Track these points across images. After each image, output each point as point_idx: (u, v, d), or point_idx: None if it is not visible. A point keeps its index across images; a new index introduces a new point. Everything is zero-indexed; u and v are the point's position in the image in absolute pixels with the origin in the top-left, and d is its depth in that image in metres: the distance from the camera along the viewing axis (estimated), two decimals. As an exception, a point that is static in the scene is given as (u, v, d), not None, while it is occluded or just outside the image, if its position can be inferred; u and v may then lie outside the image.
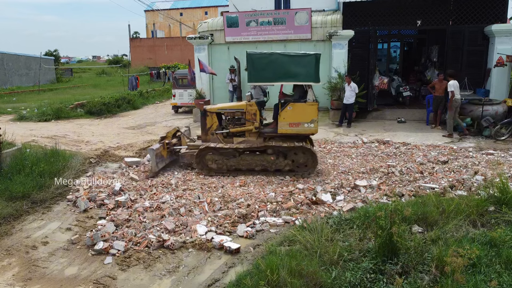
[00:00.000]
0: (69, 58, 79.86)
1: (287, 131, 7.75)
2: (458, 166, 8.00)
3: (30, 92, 25.34)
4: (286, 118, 7.68)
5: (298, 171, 7.85)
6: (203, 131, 8.33)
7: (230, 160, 7.87)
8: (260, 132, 8.02)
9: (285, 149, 7.77)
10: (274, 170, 7.86)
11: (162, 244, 5.11)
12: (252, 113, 7.96)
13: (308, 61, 7.50)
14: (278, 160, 7.78)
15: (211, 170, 7.95)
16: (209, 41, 15.91)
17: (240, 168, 7.91)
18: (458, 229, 4.77)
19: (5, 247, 5.23)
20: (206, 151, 7.90)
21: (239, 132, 8.12)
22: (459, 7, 13.09)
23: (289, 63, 7.52)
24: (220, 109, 8.29)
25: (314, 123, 7.68)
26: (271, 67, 7.54)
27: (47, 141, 10.62)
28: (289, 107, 7.65)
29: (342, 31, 14.17)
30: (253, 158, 7.85)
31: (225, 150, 7.86)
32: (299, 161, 7.80)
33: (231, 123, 8.18)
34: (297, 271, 3.88)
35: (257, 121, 7.97)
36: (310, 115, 7.66)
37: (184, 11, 59.63)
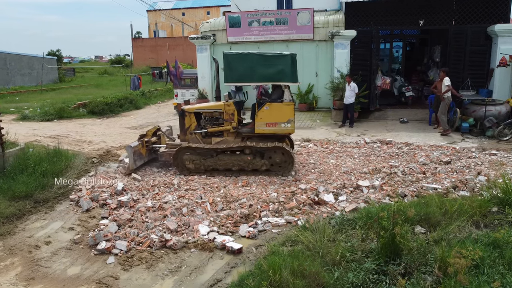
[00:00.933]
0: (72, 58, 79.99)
1: (264, 131, 7.83)
2: (461, 167, 7.98)
3: (32, 92, 25.39)
4: (263, 118, 7.76)
5: (274, 170, 7.88)
6: (182, 131, 8.39)
7: (208, 160, 7.89)
8: (238, 132, 8.09)
9: (262, 149, 7.80)
10: (251, 170, 7.89)
11: (164, 244, 5.11)
12: (230, 113, 8.02)
13: (284, 61, 7.57)
14: (255, 160, 7.81)
15: (189, 170, 7.97)
16: (211, 41, 15.93)
17: (218, 168, 7.93)
18: (461, 230, 4.75)
19: (8, 246, 5.25)
20: (183, 151, 7.93)
21: (217, 132, 8.19)
22: (462, 7, 13.06)
23: (265, 64, 7.58)
24: (198, 109, 8.34)
25: (291, 123, 7.75)
26: (247, 67, 7.60)
27: (50, 140, 10.64)
28: (266, 107, 7.73)
29: (344, 31, 14.16)
30: (230, 158, 7.88)
31: (202, 150, 7.89)
32: (275, 160, 7.83)
33: (209, 123, 8.23)
34: (299, 272, 3.88)
35: (235, 121, 8.04)
36: (286, 115, 7.72)
37: (186, 11, 59.70)
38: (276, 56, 7.63)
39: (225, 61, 7.59)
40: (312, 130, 12.45)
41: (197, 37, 16.08)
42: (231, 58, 7.61)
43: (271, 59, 7.60)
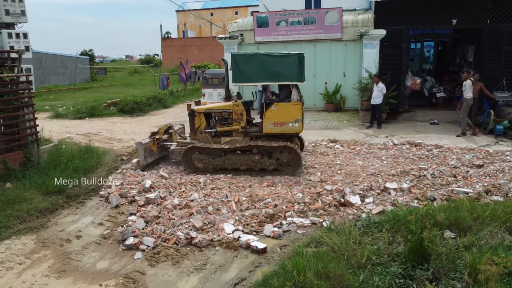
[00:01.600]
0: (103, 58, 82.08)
1: (272, 131, 7.89)
2: (494, 171, 7.71)
3: (66, 91, 26.24)
4: (271, 118, 7.82)
5: (282, 170, 7.91)
6: (192, 131, 8.52)
7: (216, 160, 7.99)
8: (246, 132, 8.16)
9: (269, 149, 7.85)
10: (259, 169, 7.93)
11: (190, 242, 5.18)
12: (238, 113, 8.12)
13: (291, 61, 7.57)
14: (262, 159, 7.86)
15: (198, 169, 8.07)
16: (239, 41, 16.01)
17: (226, 167, 8.01)
18: (493, 236, 4.59)
19: (41, 239, 5.45)
20: (192, 150, 8.03)
21: (226, 132, 8.27)
22: (498, 5, 12.60)
23: (272, 64, 7.62)
24: (208, 110, 8.46)
25: (298, 122, 7.78)
26: (255, 67, 7.66)
27: (82, 138, 10.98)
28: (274, 107, 7.79)
29: (373, 31, 13.94)
30: (238, 157, 7.95)
31: (211, 150, 7.97)
32: (283, 160, 7.87)
33: (219, 123, 8.33)
34: (323, 274, 3.85)
35: (243, 121, 8.12)
36: (294, 115, 7.76)
37: (215, 11, 60.22)
38: (283, 56, 7.66)
39: (233, 61, 7.69)
40: (339, 130, 12.32)
41: (225, 37, 16.19)
42: (239, 59, 7.69)
43: (278, 59, 7.65)
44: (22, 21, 7.82)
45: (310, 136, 11.30)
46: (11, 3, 7.55)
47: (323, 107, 16.00)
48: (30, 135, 7.77)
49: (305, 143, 9.98)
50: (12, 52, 7.44)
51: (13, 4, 7.58)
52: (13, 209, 6.05)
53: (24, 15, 7.80)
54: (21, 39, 7.80)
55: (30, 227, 5.76)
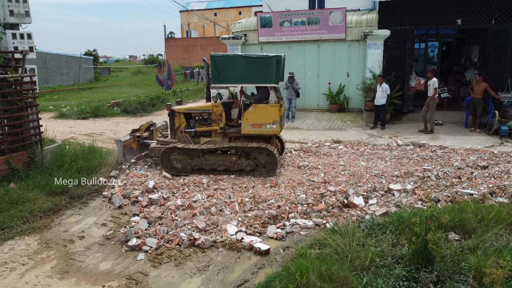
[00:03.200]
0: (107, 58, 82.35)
1: (250, 132, 7.93)
2: (499, 172, 7.66)
3: (70, 91, 26.34)
4: (249, 119, 7.86)
5: (259, 171, 7.92)
6: (172, 131, 8.57)
7: (194, 160, 7.99)
8: (225, 133, 8.20)
9: (247, 150, 7.87)
10: (236, 170, 7.95)
11: (193, 243, 5.17)
12: (217, 114, 8.16)
13: (268, 63, 7.57)
14: (240, 160, 7.88)
15: (175, 169, 8.08)
16: (242, 41, 16.00)
17: (204, 168, 8.02)
18: (499, 238, 4.55)
19: (44, 240, 5.46)
20: (171, 150, 8.06)
21: (206, 132, 8.31)
22: (503, 4, 12.52)
23: (249, 65, 7.63)
24: (187, 110, 8.50)
25: (276, 124, 7.80)
26: (233, 69, 7.67)
27: (85, 138, 11.01)
28: (252, 108, 7.82)
29: (377, 31, 13.90)
30: (216, 158, 7.96)
31: (189, 150, 7.99)
32: (260, 161, 7.88)
33: (198, 123, 8.37)
34: (327, 276, 3.83)
35: (222, 122, 8.15)
36: (272, 116, 7.78)
37: (218, 11, 60.26)
38: (261, 58, 7.69)
39: (212, 62, 7.71)
40: (343, 131, 12.29)
41: (228, 37, 16.19)
42: (218, 60, 7.71)
43: (256, 61, 7.66)
44: (26, 21, 7.85)
45: (313, 137, 11.28)
46: (15, 4, 7.58)
47: (326, 108, 15.96)
48: (34, 135, 7.79)
49: (309, 144, 9.97)
50: (16, 53, 7.46)
51: (17, 5, 7.61)
52: (16, 210, 6.06)
53: (28, 15, 7.83)
54: (25, 39, 7.83)
55: (34, 227, 5.77)
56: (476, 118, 11.90)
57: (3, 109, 7.33)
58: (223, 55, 7.92)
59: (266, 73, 7.60)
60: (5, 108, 7.36)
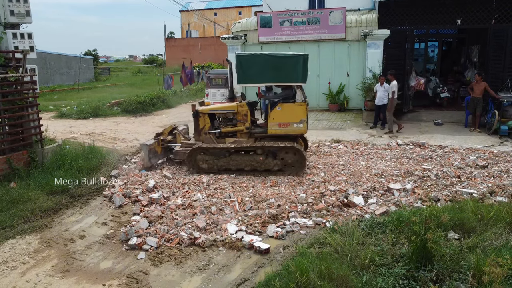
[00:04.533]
0: (107, 58, 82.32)
1: (277, 131, 7.88)
2: (499, 171, 7.67)
3: (70, 91, 26.33)
4: (276, 119, 7.80)
5: (287, 171, 7.88)
6: (196, 132, 8.52)
7: (220, 160, 7.96)
8: (251, 133, 8.14)
9: (274, 149, 7.81)
10: (264, 170, 7.90)
11: (193, 242, 5.19)
12: (243, 114, 8.10)
13: (295, 61, 7.54)
14: (267, 160, 7.83)
15: (202, 170, 8.04)
16: (242, 41, 16.01)
17: (230, 168, 7.99)
18: (498, 237, 4.56)
19: (45, 239, 5.47)
20: (197, 151, 8.01)
21: (231, 133, 8.26)
22: (503, 4, 12.54)
23: (276, 64, 7.59)
24: (212, 110, 8.45)
25: (303, 123, 7.76)
26: (259, 68, 7.63)
27: (86, 138, 11.01)
28: (278, 108, 7.76)
29: (377, 31, 13.91)
30: (243, 158, 7.92)
31: (215, 150, 7.96)
32: (288, 161, 7.83)
33: (223, 123, 8.31)
34: (327, 274, 3.84)
35: (248, 122, 8.09)
36: (299, 116, 7.74)
37: (218, 11, 60.23)
38: (288, 57, 7.64)
39: (237, 62, 7.66)
40: (343, 131, 12.30)
41: (228, 37, 16.20)
42: (243, 59, 7.67)
43: (283, 59, 7.62)
44: (26, 21, 7.86)
45: (313, 136, 11.29)
46: (15, 4, 7.59)
47: (326, 107, 15.98)
48: (34, 135, 7.80)
49: (309, 143, 9.96)
50: (17, 52, 7.47)
51: (17, 5, 7.62)
52: (17, 209, 6.07)
53: (29, 15, 7.84)
54: (25, 39, 7.84)
55: (34, 226, 5.78)
56: (476, 118, 11.91)
57: (3, 109, 7.35)
58: (249, 54, 7.87)
59: (293, 72, 7.55)
60: (5, 107, 7.38)
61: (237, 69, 7.73)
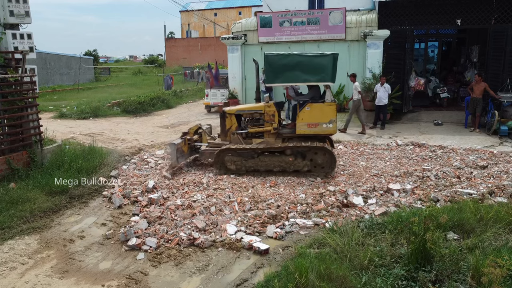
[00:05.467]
0: (107, 58, 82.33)
1: (306, 132, 7.77)
2: (499, 172, 7.67)
3: (70, 91, 26.34)
4: (305, 119, 7.70)
5: (316, 172, 7.79)
6: (223, 132, 8.43)
7: (249, 161, 7.88)
8: (278, 133, 8.04)
9: (303, 150, 7.73)
10: (293, 171, 7.81)
11: (192, 242, 5.18)
12: (270, 114, 7.99)
13: (325, 61, 7.45)
14: (296, 161, 7.74)
15: (230, 171, 7.97)
16: (242, 42, 16.00)
17: (259, 169, 7.91)
18: (497, 238, 4.57)
19: (44, 239, 5.47)
20: (225, 152, 7.93)
21: (258, 133, 8.16)
22: (502, 5, 12.54)
23: (306, 64, 7.49)
24: (239, 111, 8.36)
25: (332, 123, 7.66)
26: (289, 68, 7.54)
27: (85, 138, 11.01)
28: (307, 108, 7.65)
29: (377, 31, 13.90)
30: (272, 159, 7.83)
31: (244, 151, 7.88)
32: (317, 162, 7.74)
33: (250, 124, 8.22)
34: (326, 275, 3.84)
35: (276, 122, 7.98)
36: (328, 116, 7.65)
37: (218, 11, 60.28)
38: (318, 56, 7.53)
39: (266, 62, 7.56)
40: (343, 131, 12.29)
41: (228, 37, 16.20)
42: (272, 59, 7.56)
43: (313, 59, 7.50)
44: (26, 21, 7.86)
45: (313, 137, 11.27)
46: (15, 4, 7.59)
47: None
48: (34, 135, 7.80)
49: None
50: (16, 53, 7.48)
51: (17, 5, 7.62)
52: (16, 209, 6.07)
53: (28, 16, 7.84)
54: (25, 39, 7.84)
55: (34, 227, 5.78)
56: (476, 118, 11.91)
57: (3, 109, 7.35)
58: (278, 54, 7.75)
59: (323, 71, 7.46)
60: (5, 108, 7.38)
61: (265, 69, 7.62)
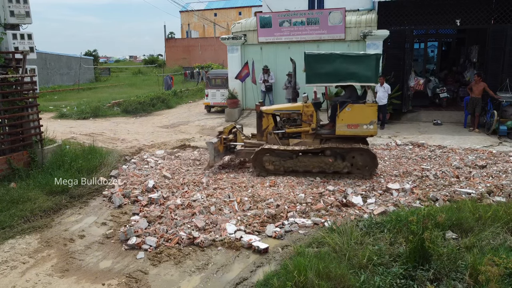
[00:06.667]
0: (107, 58, 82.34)
1: (345, 133, 7.60)
2: (497, 171, 7.69)
3: (70, 91, 26.36)
4: (345, 120, 7.52)
5: (356, 173, 7.65)
6: (259, 132, 8.31)
7: (287, 162, 7.75)
8: (316, 134, 7.91)
9: (343, 151, 7.60)
10: (332, 172, 7.67)
11: (192, 242, 5.21)
12: (308, 114, 7.89)
13: (368, 61, 7.34)
14: (336, 162, 7.60)
15: (268, 171, 7.86)
16: (242, 42, 16.02)
17: (297, 170, 7.78)
18: (495, 237, 4.59)
19: (45, 239, 5.50)
20: (263, 152, 7.83)
21: (295, 133, 8.06)
22: (502, 5, 12.56)
23: (348, 64, 7.37)
24: (276, 110, 8.27)
25: (373, 124, 7.50)
26: (330, 68, 7.42)
27: (85, 138, 11.04)
28: (348, 108, 7.49)
29: (377, 31, 13.91)
30: (311, 159, 7.69)
31: (282, 152, 7.77)
32: (358, 163, 7.60)
33: (287, 124, 8.11)
34: (325, 274, 3.87)
35: (314, 122, 7.87)
36: (369, 117, 7.49)
37: (218, 11, 60.30)
38: (361, 56, 7.44)
39: (306, 62, 7.48)
40: (342, 131, 12.30)
41: (228, 37, 16.21)
42: (313, 59, 7.48)
43: (356, 59, 7.41)
44: (26, 22, 7.89)
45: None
46: (15, 5, 7.62)
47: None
48: (34, 135, 7.82)
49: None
50: (17, 53, 7.50)
51: (17, 6, 7.64)
52: (17, 209, 6.10)
53: (29, 16, 7.86)
54: (25, 40, 7.87)
55: (34, 226, 5.80)
56: (475, 118, 11.93)
57: (3, 109, 7.37)
58: (319, 53, 7.65)
59: (366, 72, 7.33)
60: (5, 108, 7.40)
61: (306, 68, 7.52)
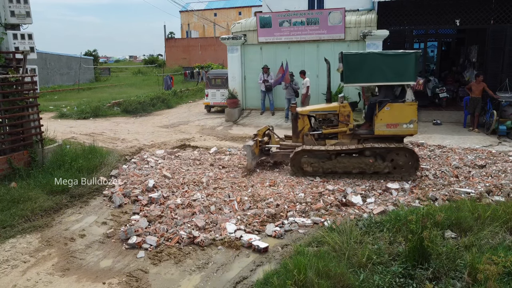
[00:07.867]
0: (107, 58, 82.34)
1: (385, 132, 7.50)
2: (497, 171, 7.71)
3: (70, 91, 26.37)
4: (384, 119, 7.43)
5: (397, 174, 7.53)
6: (295, 134, 8.22)
7: (326, 163, 7.66)
8: (354, 134, 7.84)
9: (383, 151, 7.50)
10: (372, 172, 7.57)
11: (192, 241, 5.23)
12: (345, 115, 7.81)
13: (407, 60, 7.23)
14: (376, 162, 7.51)
15: (306, 173, 7.79)
16: (242, 42, 16.04)
17: (336, 171, 7.69)
18: (494, 236, 4.61)
19: (45, 238, 5.51)
20: (301, 153, 7.77)
21: (331, 134, 7.99)
22: (501, 5, 12.59)
23: (386, 63, 7.29)
24: (312, 111, 8.19)
25: (413, 123, 7.38)
26: (368, 67, 7.36)
27: (86, 138, 11.06)
28: (387, 108, 7.40)
29: (376, 31, 13.93)
30: (350, 160, 7.57)
31: (320, 153, 7.71)
32: (399, 163, 7.47)
33: (324, 125, 8.04)
34: (324, 272, 3.88)
35: (351, 123, 7.80)
36: (409, 116, 7.38)
37: (218, 11, 60.32)
38: (400, 55, 7.34)
39: (344, 61, 7.41)
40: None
41: (228, 37, 16.23)
42: (351, 59, 7.42)
43: (394, 58, 7.32)
44: (27, 22, 7.90)
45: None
46: (16, 5, 7.63)
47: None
48: (34, 135, 7.84)
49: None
50: (17, 53, 7.52)
51: (18, 6, 7.66)
52: (18, 208, 6.12)
53: (29, 16, 7.88)
54: (26, 40, 7.88)
55: (35, 226, 5.82)
56: (475, 118, 11.95)
57: (4, 109, 7.39)
58: (357, 53, 7.59)
59: (404, 70, 7.22)
60: (6, 108, 7.42)
61: (344, 68, 7.47)
